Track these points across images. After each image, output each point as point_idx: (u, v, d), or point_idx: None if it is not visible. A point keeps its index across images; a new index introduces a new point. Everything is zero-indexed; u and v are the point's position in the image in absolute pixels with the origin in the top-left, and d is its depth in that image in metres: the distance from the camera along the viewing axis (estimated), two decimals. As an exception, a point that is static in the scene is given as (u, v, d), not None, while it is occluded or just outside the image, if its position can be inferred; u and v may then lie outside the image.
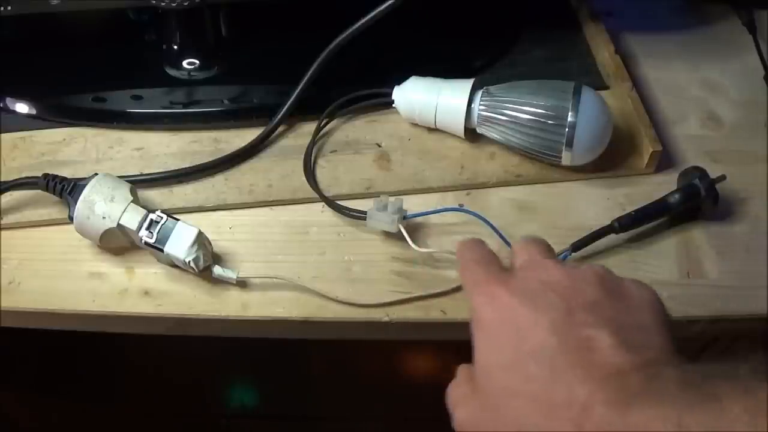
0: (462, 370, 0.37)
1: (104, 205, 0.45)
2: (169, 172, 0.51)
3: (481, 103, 0.51)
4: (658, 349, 0.33)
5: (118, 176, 0.48)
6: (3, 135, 0.54)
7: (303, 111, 0.54)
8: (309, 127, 0.54)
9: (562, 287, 0.35)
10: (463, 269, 0.39)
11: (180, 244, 0.44)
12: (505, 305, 0.35)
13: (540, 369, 0.32)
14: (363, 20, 0.51)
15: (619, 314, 0.34)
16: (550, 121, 0.48)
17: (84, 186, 0.45)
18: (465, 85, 0.51)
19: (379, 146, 0.54)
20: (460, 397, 0.36)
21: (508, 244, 0.46)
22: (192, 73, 0.57)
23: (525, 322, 0.34)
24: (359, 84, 0.55)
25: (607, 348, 0.32)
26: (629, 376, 0.31)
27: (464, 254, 0.40)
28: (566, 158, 0.49)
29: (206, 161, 0.52)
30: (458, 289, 0.46)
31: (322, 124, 0.54)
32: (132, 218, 0.45)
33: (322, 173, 0.52)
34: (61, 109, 0.56)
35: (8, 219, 0.49)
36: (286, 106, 0.53)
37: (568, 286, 0.35)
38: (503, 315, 0.35)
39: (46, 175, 0.47)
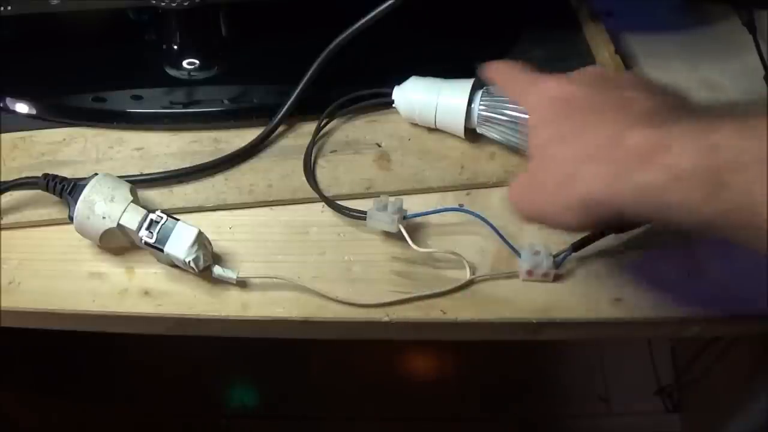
0: None
1: (104, 205, 0.45)
2: (169, 172, 0.51)
3: (481, 103, 0.51)
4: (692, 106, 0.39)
5: (118, 176, 0.48)
6: (3, 135, 0.54)
7: (303, 111, 0.54)
8: (309, 127, 0.54)
9: (603, 76, 0.41)
10: (514, 76, 0.45)
11: (180, 244, 0.44)
12: (554, 90, 0.40)
13: (585, 118, 0.37)
14: (363, 20, 0.51)
15: (655, 91, 0.39)
16: (550, 121, 0.48)
17: (84, 186, 0.45)
18: (465, 85, 0.51)
19: (379, 146, 0.54)
20: (514, 178, 0.41)
21: (508, 243, 0.46)
22: (192, 73, 0.57)
23: (572, 93, 0.39)
24: (359, 84, 0.55)
25: (644, 99, 0.37)
26: (663, 111, 0.36)
27: (506, 67, 0.46)
28: (566, 158, 0.49)
29: (206, 161, 0.52)
30: (458, 289, 0.46)
31: (322, 124, 0.54)
32: (132, 218, 0.45)
33: (322, 173, 0.52)
34: (61, 109, 0.56)
35: (8, 219, 0.49)
36: (286, 106, 0.53)
37: (608, 76, 0.42)
38: (554, 95, 0.40)
39: (46, 175, 0.47)
